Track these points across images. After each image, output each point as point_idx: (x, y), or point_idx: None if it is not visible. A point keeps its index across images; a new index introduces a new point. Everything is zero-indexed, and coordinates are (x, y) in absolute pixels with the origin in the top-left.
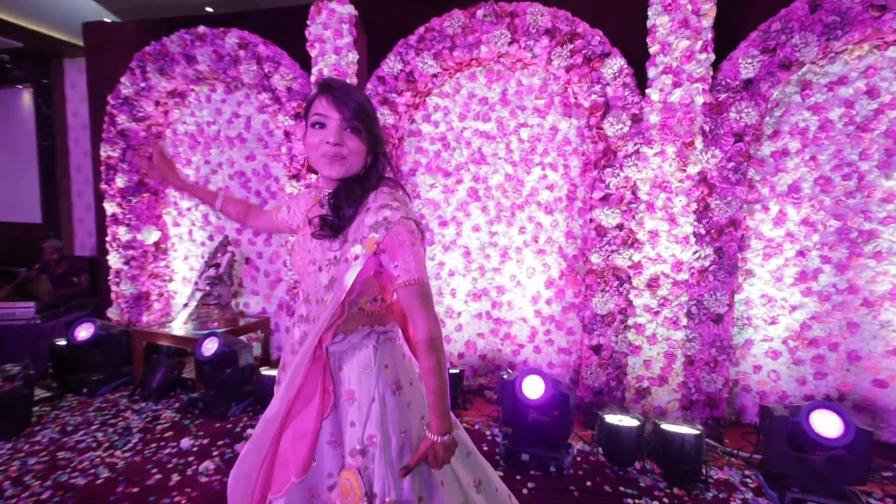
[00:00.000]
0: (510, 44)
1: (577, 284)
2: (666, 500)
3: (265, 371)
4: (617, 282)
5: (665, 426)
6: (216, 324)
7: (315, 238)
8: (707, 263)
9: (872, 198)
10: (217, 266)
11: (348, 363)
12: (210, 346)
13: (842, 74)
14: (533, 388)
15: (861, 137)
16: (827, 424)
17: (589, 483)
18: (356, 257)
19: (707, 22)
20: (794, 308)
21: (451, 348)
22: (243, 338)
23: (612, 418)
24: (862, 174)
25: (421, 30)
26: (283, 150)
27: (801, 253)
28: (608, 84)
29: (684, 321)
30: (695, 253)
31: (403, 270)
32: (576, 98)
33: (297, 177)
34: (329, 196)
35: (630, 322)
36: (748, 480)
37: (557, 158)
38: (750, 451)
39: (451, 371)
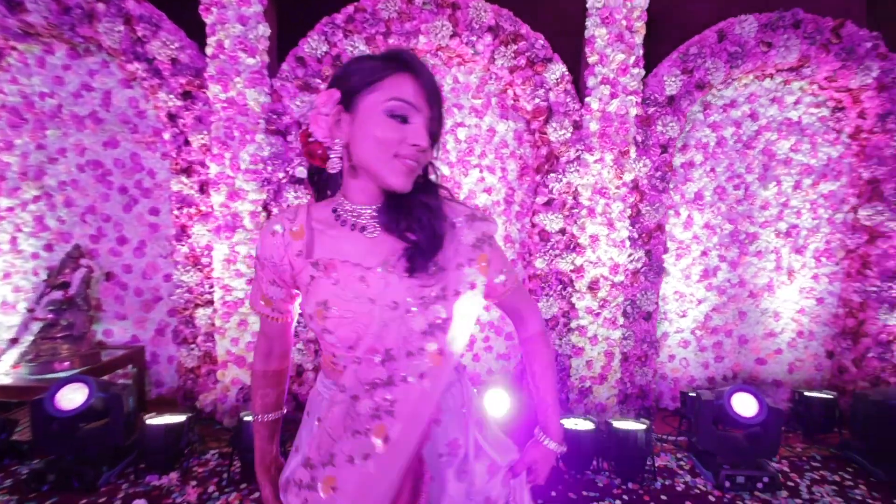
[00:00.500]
0: (452, 37)
1: None
2: (625, 496)
3: (150, 419)
4: (560, 286)
5: (617, 424)
6: (67, 363)
7: (410, 274)
8: (639, 265)
9: (754, 205)
10: (65, 286)
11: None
12: (74, 397)
13: (732, 98)
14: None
15: (746, 153)
16: (745, 405)
17: (554, 493)
18: (472, 285)
19: (638, 38)
20: (699, 301)
21: None
22: (110, 376)
23: (568, 423)
24: (747, 185)
25: (350, 9)
26: (167, 136)
27: (704, 252)
28: (551, 89)
29: (621, 320)
30: (629, 256)
31: (509, 275)
32: (516, 100)
33: (187, 171)
34: (382, 212)
35: (573, 325)
36: (682, 463)
37: (495, 161)
38: (675, 434)
39: None
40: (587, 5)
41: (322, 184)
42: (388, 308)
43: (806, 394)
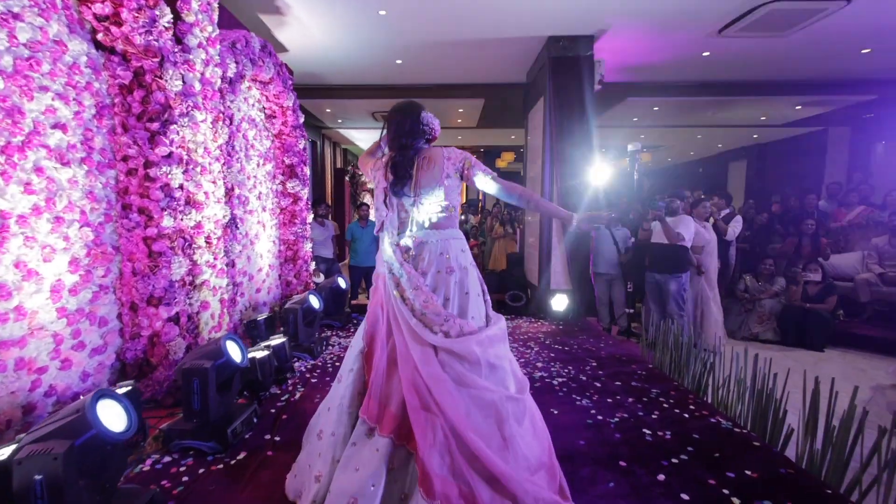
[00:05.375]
0: None
1: (107, 260)
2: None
3: None
4: (185, 244)
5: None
6: None
7: None
8: (227, 220)
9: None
10: None
11: None
12: None
13: None
14: None
15: None
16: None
17: None
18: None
19: (215, 15)
20: None
21: None
22: None
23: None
24: None
25: None
26: None
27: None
28: (162, 32)
29: (226, 269)
30: (224, 212)
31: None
32: (114, 26)
33: None
34: None
35: (198, 281)
36: None
37: (68, 89)
38: None
39: None
40: None
41: None
42: None
43: None
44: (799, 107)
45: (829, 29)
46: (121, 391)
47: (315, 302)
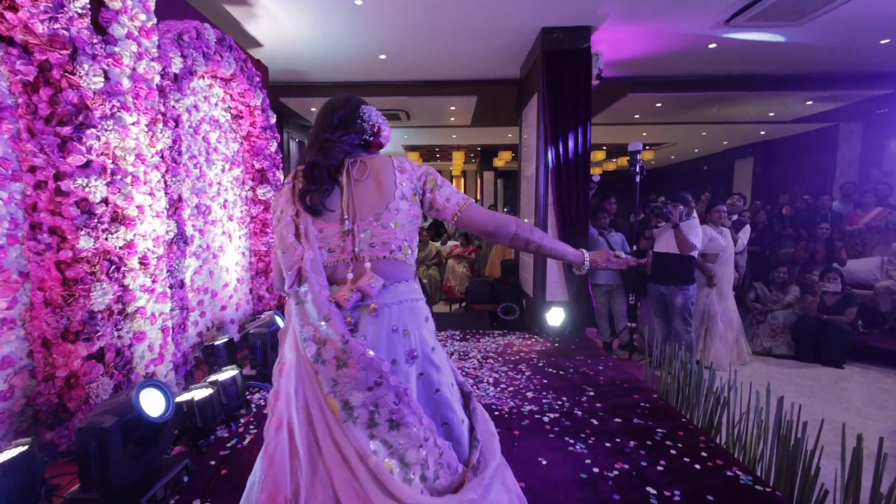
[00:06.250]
0: None
1: (12, 290)
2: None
3: None
4: (111, 266)
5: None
6: None
7: None
8: (172, 235)
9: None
10: None
11: None
12: None
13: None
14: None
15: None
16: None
17: None
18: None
19: (151, 2)
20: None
21: None
22: None
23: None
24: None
25: None
26: None
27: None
28: (74, 19)
29: (169, 292)
30: (167, 227)
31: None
32: (2, 12)
33: None
34: None
35: (130, 309)
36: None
37: None
38: None
39: None
40: None
41: None
42: None
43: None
44: (810, 102)
45: (848, 17)
46: (12, 453)
47: (282, 322)
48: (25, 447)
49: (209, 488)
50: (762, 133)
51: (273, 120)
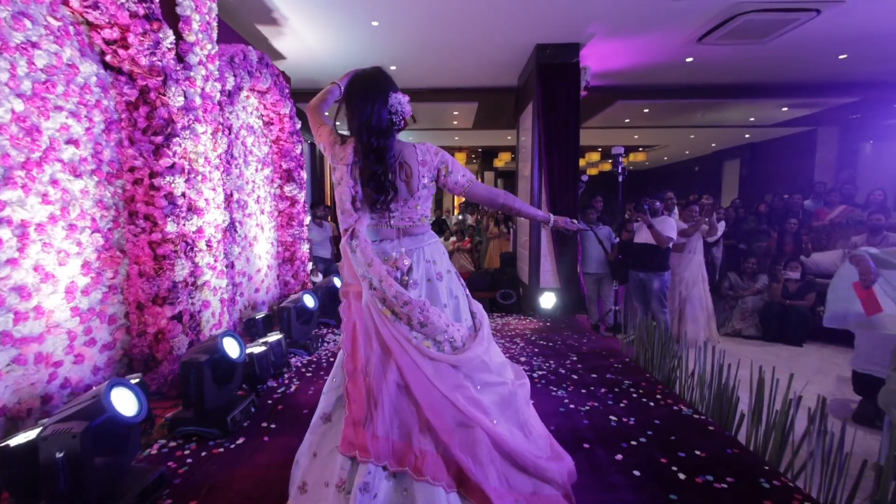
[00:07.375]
0: None
1: (115, 263)
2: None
3: None
4: (187, 247)
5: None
6: None
7: None
8: (227, 224)
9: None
10: None
11: None
12: None
13: None
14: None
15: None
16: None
17: None
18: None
19: (214, 33)
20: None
21: None
22: None
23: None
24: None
25: None
26: None
27: None
28: (166, 53)
29: (225, 271)
30: (223, 217)
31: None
32: (122, 49)
33: None
34: None
35: (199, 282)
36: None
37: (80, 107)
38: None
39: None
40: None
41: None
42: None
43: None
44: (785, 108)
45: (805, 37)
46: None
47: (310, 301)
48: (138, 379)
49: (271, 416)
50: (747, 136)
51: (298, 125)
